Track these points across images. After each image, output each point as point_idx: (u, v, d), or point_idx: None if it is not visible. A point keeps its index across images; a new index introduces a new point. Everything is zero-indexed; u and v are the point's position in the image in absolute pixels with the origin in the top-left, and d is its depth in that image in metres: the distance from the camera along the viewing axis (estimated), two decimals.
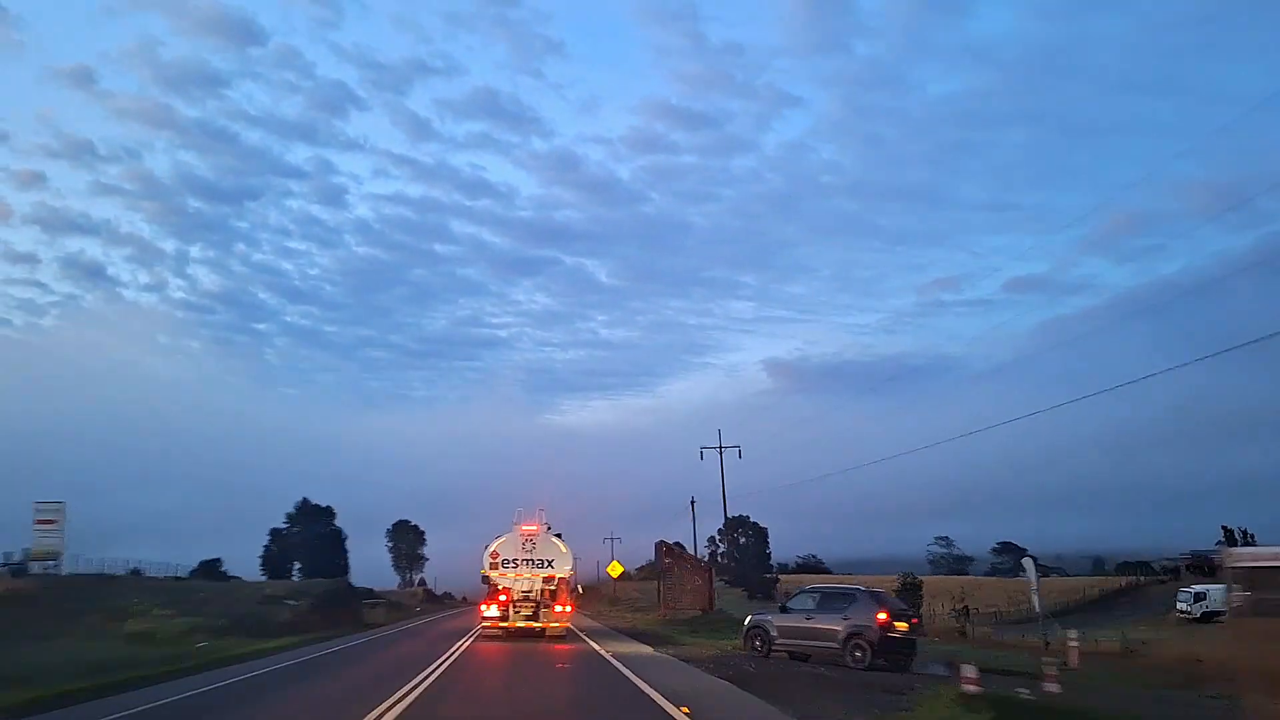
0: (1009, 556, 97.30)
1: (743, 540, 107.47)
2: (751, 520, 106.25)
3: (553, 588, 26.36)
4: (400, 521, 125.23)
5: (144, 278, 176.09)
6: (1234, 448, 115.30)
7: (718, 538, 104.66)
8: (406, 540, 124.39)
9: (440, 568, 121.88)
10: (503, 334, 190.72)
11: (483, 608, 27.25)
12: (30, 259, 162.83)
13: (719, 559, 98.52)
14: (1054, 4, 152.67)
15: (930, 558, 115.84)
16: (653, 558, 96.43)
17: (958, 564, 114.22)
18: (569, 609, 27.59)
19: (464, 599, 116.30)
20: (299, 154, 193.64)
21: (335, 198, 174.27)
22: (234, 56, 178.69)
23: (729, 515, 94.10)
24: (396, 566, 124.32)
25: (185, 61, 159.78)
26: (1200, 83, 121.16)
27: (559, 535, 27.34)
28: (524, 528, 26.73)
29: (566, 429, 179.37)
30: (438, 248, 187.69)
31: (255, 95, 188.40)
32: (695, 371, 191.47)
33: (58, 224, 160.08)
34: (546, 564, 26.37)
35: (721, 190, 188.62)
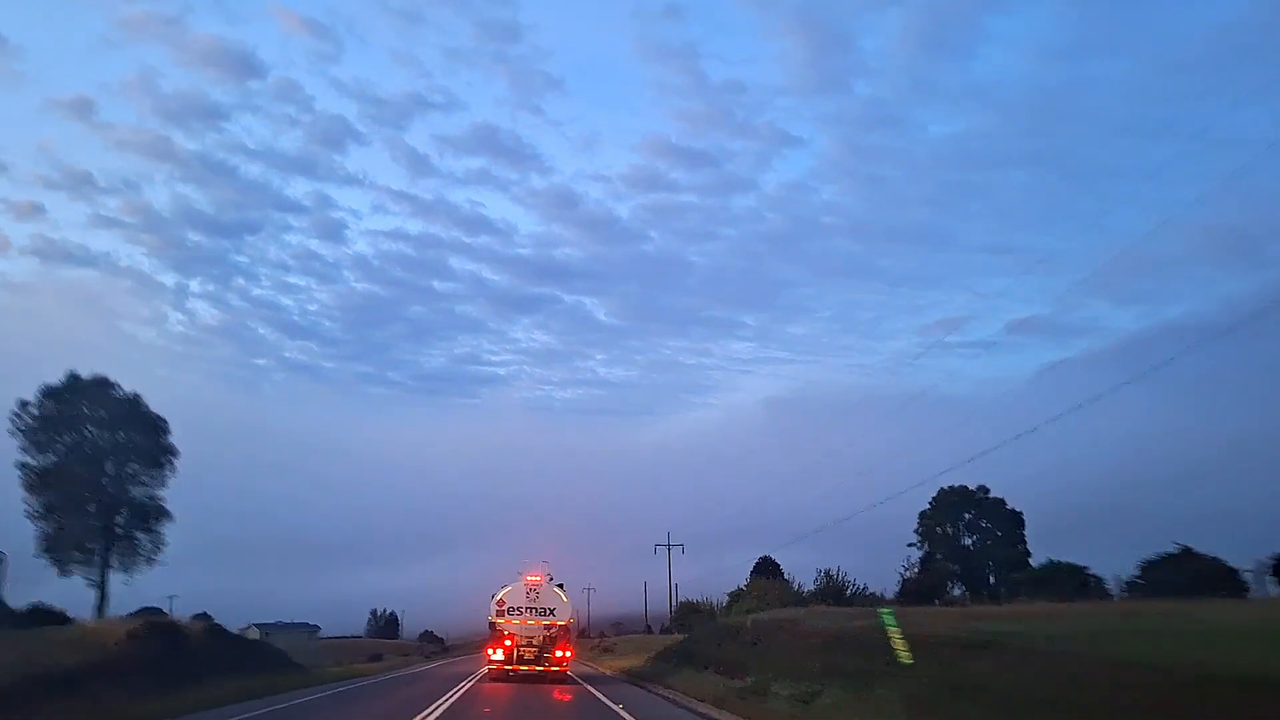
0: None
1: (969, 539, 59.54)
2: (992, 496, 58.55)
3: (554, 634, 28.53)
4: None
5: (143, 311, 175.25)
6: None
7: (929, 522, 60.22)
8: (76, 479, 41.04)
9: (435, 606, 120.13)
10: (501, 372, 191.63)
11: (489, 652, 29.47)
12: (27, 291, 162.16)
13: (928, 562, 58.64)
14: (1056, 47, 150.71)
15: None
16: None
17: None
18: (569, 654, 29.72)
19: (444, 640, 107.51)
20: (298, 188, 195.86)
21: (334, 233, 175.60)
22: (233, 89, 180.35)
23: (948, 487, 57.72)
24: (52, 547, 40.51)
25: (185, 94, 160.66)
26: (1204, 127, 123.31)
27: (561, 585, 29.62)
28: (529, 578, 28.94)
29: (566, 464, 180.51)
30: (436, 284, 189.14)
31: (255, 129, 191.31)
32: (694, 411, 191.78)
33: (56, 256, 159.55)
34: (549, 612, 28.57)
35: (722, 230, 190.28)
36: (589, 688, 27.45)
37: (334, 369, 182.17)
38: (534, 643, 28.29)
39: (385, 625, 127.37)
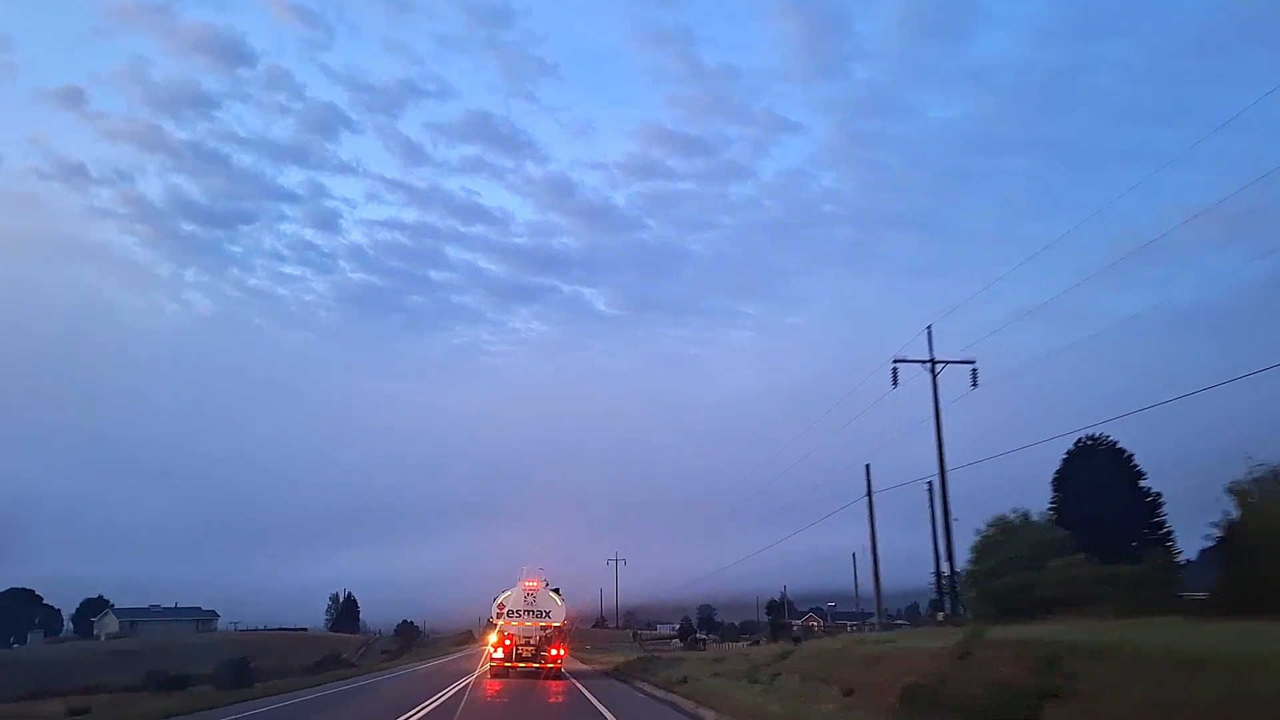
0: None
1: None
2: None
3: (549, 635, 31.36)
4: None
5: (139, 303, 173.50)
6: None
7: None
8: None
9: (427, 593, 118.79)
10: (500, 363, 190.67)
11: (491, 650, 32.26)
12: (24, 283, 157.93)
13: None
14: (1055, 30, 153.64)
15: None
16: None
17: None
18: (563, 653, 32.65)
19: (420, 630, 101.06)
20: (291, 177, 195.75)
21: (329, 222, 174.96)
22: (224, 77, 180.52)
23: None
24: None
25: (175, 82, 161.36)
26: (1205, 110, 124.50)
27: (556, 590, 32.43)
28: (526, 583, 31.67)
29: (562, 452, 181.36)
30: (433, 274, 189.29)
31: (246, 117, 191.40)
32: (695, 405, 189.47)
33: (52, 248, 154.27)
34: (545, 615, 31.38)
35: (720, 218, 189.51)
36: None
37: (332, 359, 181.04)
38: (531, 642, 31.05)
39: (344, 612, 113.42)
